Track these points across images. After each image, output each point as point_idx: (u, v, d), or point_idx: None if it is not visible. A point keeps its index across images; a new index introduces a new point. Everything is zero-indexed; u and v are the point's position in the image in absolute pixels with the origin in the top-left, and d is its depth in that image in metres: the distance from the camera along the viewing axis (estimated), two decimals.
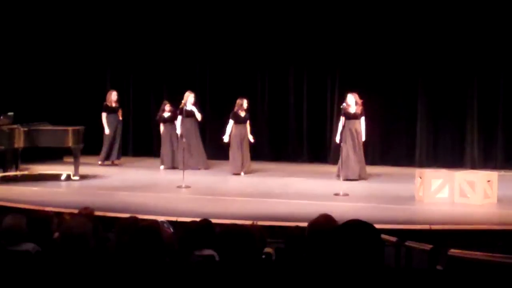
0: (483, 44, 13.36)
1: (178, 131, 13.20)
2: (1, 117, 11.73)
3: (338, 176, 11.51)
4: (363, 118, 11.87)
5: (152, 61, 15.75)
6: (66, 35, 15.52)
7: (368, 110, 13.38)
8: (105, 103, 14.04)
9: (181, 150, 12.66)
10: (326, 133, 14.41)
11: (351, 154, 11.73)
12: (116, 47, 15.85)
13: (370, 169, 13.34)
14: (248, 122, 12.79)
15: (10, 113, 11.90)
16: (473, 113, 13.50)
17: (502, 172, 11.59)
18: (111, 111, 14.01)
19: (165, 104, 13.64)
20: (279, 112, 14.96)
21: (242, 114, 12.69)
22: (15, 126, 11.57)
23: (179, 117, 13.18)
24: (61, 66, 15.63)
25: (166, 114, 13.58)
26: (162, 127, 13.72)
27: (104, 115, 13.94)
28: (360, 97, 11.86)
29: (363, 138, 11.88)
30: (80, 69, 15.86)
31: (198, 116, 13.33)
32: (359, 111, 11.78)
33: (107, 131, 13.84)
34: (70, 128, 11.74)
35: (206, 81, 15.43)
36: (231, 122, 12.65)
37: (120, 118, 14.17)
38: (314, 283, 2.97)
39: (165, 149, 13.59)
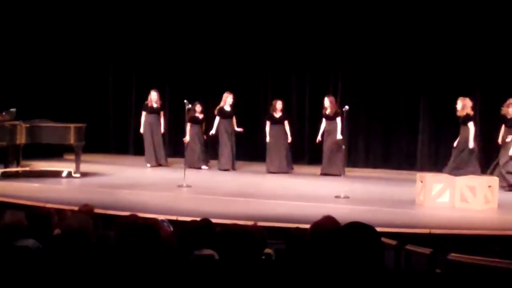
0: (485, 50, 13.37)
1: (213, 131, 13.34)
2: (4, 113, 11.74)
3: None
4: (338, 119, 12.71)
5: (155, 58, 15.78)
6: (69, 31, 15.56)
7: (370, 113, 13.40)
8: (145, 102, 13.79)
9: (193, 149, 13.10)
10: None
11: (327, 152, 12.81)
12: (118, 44, 15.89)
13: (372, 172, 13.36)
14: (285, 122, 13.24)
15: (13, 109, 11.92)
16: (475, 118, 13.48)
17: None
18: (151, 111, 13.68)
19: (196, 105, 13.50)
20: None
21: (277, 115, 13.13)
22: (17, 122, 11.59)
23: (217, 118, 13.33)
24: (64, 62, 15.67)
25: (199, 116, 13.49)
26: (189, 128, 13.51)
27: (143, 114, 13.70)
28: (336, 100, 13.12)
29: (339, 137, 12.64)
30: (82, 66, 15.89)
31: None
32: (332, 113, 12.76)
33: (142, 130, 13.66)
34: (72, 125, 11.75)
35: (208, 80, 15.45)
36: (267, 123, 13.18)
37: (162, 119, 13.80)
38: (314, 284, 2.97)
39: (190, 149, 13.42)
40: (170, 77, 15.71)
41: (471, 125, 11.79)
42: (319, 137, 13.01)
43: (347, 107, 11.69)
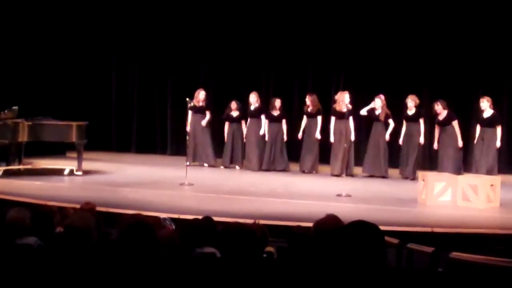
0: (488, 49, 13.36)
1: (244, 130, 13.44)
2: (6, 111, 11.75)
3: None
4: (319, 117, 13.15)
5: (157, 56, 15.77)
6: (70, 28, 15.54)
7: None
8: (192, 101, 13.39)
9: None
10: (330, 133, 14.39)
11: (305, 149, 13.20)
12: (120, 41, 15.88)
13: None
14: (283, 120, 13.34)
15: (15, 107, 11.93)
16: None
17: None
18: (197, 110, 13.44)
19: (236, 104, 13.49)
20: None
21: (275, 113, 13.24)
22: (19, 120, 11.59)
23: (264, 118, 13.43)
24: (65, 60, 15.65)
25: (235, 113, 13.50)
26: (227, 126, 13.60)
27: (190, 113, 13.15)
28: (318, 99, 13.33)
29: (317, 136, 13.13)
30: (84, 64, 15.88)
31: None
32: (314, 111, 13.12)
33: (188, 129, 13.07)
34: (74, 123, 11.75)
35: (211, 75, 15.45)
36: (266, 120, 13.37)
37: (208, 117, 13.60)
38: (315, 283, 2.97)
39: (229, 148, 13.50)
40: (172, 75, 15.71)
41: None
42: (300, 134, 13.28)
43: (349, 106, 11.70)
